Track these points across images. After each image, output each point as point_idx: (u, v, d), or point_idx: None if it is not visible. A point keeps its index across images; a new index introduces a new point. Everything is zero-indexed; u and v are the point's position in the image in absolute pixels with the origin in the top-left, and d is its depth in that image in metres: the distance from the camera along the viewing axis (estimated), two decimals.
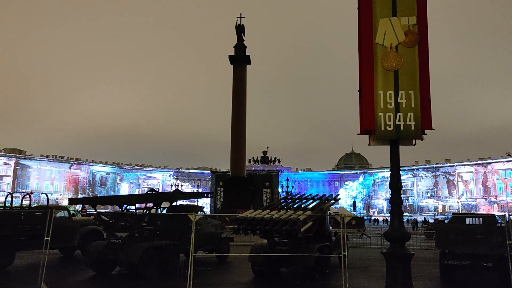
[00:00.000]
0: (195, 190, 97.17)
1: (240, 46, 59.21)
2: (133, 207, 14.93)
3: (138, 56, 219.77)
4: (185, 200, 20.44)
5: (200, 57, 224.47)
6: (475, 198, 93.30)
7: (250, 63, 59.48)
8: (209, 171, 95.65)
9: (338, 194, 18.82)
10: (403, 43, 9.64)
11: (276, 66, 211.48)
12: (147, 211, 16.21)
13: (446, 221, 31.98)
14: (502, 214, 15.87)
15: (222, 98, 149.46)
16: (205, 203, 74.08)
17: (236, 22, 59.41)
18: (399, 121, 9.44)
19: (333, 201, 15.78)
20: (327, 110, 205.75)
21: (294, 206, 14.56)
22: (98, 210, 14.35)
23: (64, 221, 16.36)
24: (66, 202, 72.65)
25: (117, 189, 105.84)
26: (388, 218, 53.90)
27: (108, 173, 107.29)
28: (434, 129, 9.52)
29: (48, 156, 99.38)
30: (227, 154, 57.83)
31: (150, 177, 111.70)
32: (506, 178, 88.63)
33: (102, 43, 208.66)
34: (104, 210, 19.65)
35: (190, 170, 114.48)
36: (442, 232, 13.64)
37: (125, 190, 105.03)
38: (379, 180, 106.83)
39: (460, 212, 77.62)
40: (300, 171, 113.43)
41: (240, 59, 58.56)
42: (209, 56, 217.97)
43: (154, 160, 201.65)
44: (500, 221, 14.85)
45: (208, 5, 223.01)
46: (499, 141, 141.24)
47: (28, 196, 17.69)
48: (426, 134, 9.63)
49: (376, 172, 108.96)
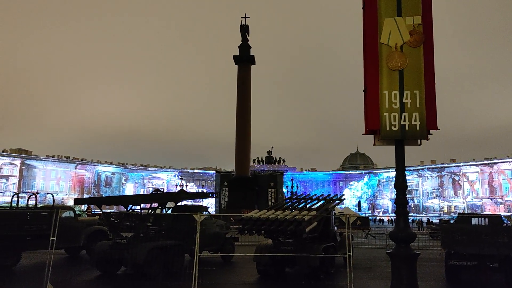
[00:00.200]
0: (200, 190, 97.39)
1: (244, 46, 59.27)
2: (138, 207, 14.98)
3: (143, 56, 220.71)
4: (190, 200, 20.47)
5: (204, 57, 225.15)
6: (481, 199, 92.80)
7: (254, 63, 59.52)
8: (213, 171, 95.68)
9: (343, 194, 18.77)
10: (408, 43, 9.60)
11: (280, 66, 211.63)
12: (152, 211, 16.26)
13: (452, 221, 31.83)
14: (508, 214, 15.79)
15: (226, 98, 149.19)
16: (209, 203, 74.10)
17: (240, 22, 59.52)
18: (404, 121, 9.40)
19: (338, 201, 15.76)
20: (332, 110, 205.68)
21: (299, 206, 14.56)
22: (103, 210, 14.40)
23: (69, 221, 16.45)
24: (71, 202, 73.12)
25: (122, 189, 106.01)
26: (393, 219, 54.01)
27: (113, 173, 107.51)
28: (439, 129, 9.47)
29: (53, 156, 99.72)
30: (232, 154, 57.93)
31: (155, 177, 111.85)
32: None
33: (105, 43, 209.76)
34: (109, 210, 19.72)
35: (195, 170, 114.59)
36: (448, 232, 13.59)
37: (130, 190, 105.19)
38: (384, 180, 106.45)
39: (465, 212, 77.18)
40: (304, 171, 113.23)
41: (244, 59, 58.64)
42: (214, 56, 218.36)
43: (159, 160, 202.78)
44: (506, 221, 14.79)
45: (210, 5, 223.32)
46: (505, 141, 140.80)
47: (34, 196, 17.79)
48: (432, 134, 9.58)
49: (381, 172, 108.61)
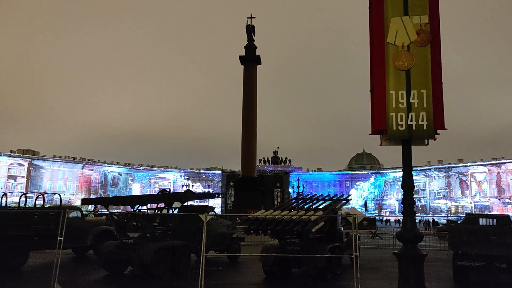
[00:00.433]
0: (206, 190, 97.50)
1: (250, 47, 59.28)
2: (144, 208, 15.03)
3: (149, 56, 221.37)
4: (196, 200, 20.50)
5: (211, 57, 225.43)
6: (489, 199, 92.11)
7: (260, 64, 59.51)
8: (220, 172, 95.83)
9: (349, 195, 18.72)
10: (415, 42, 9.54)
11: (286, 66, 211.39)
12: (159, 212, 16.30)
13: (459, 222, 31.63)
14: None
15: (233, 98, 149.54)
16: (216, 204, 74.19)
17: (246, 23, 59.51)
18: (411, 121, 9.34)
19: (344, 201, 15.71)
20: (338, 110, 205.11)
21: (305, 207, 14.53)
22: (110, 211, 14.46)
23: (77, 221, 16.53)
24: (78, 203, 73.44)
25: (128, 189, 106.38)
26: (400, 219, 53.73)
27: (119, 173, 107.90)
28: (446, 129, 9.41)
29: (60, 156, 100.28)
30: (238, 155, 57.99)
31: (161, 177, 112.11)
32: None
33: (111, 44, 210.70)
34: (116, 211, 19.78)
35: (201, 171, 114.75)
36: (455, 233, 13.50)
37: (136, 190, 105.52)
38: (391, 180, 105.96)
39: (473, 212, 76.70)
40: (311, 172, 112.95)
41: (250, 60, 58.67)
42: (220, 56, 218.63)
43: (165, 160, 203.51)
44: None
45: (216, 5, 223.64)
46: None
47: (41, 196, 17.89)
48: (439, 134, 9.52)
49: (387, 172, 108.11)
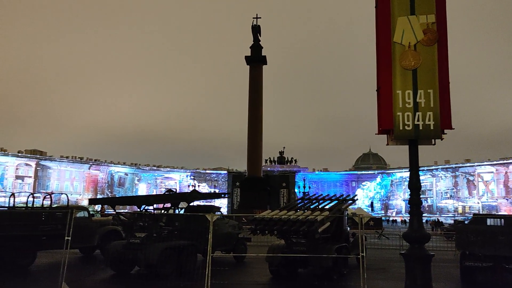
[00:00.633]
0: (212, 190, 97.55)
1: (256, 47, 59.27)
2: (151, 208, 15.07)
3: (155, 57, 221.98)
4: (202, 200, 20.53)
5: (217, 57, 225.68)
6: (496, 199, 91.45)
7: (266, 64, 59.46)
8: (226, 172, 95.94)
9: (355, 195, 18.65)
10: (422, 42, 9.51)
11: (292, 65, 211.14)
12: (165, 212, 16.35)
13: (466, 222, 31.42)
14: None
15: (238, 99, 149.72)
16: (222, 204, 74.26)
17: (252, 23, 59.52)
18: (418, 120, 9.31)
19: (350, 201, 15.66)
20: (345, 110, 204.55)
21: (311, 207, 14.50)
22: (117, 211, 14.52)
23: (84, 221, 16.62)
24: (85, 203, 73.76)
25: (135, 189, 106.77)
26: (406, 219, 53.53)
27: (126, 173, 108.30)
28: (454, 128, 9.37)
29: (67, 157, 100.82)
30: (244, 155, 58.02)
31: (168, 177, 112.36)
32: None
33: (118, 45, 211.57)
34: (122, 211, 19.86)
35: (207, 171, 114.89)
36: (463, 233, 13.42)
37: (143, 190, 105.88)
38: (397, 180, 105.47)
39: (480, 213, 76.16)
40: (317, 172, 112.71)
41: (256, 60, 58.65)
42: (226, 56, 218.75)
43: (171, 160, 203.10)
44: None
45: (222, 5, 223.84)
46: None
47: (49, 196, 17.99)
48: (446, 133, 9.48)
49: (394, 172, 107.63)
